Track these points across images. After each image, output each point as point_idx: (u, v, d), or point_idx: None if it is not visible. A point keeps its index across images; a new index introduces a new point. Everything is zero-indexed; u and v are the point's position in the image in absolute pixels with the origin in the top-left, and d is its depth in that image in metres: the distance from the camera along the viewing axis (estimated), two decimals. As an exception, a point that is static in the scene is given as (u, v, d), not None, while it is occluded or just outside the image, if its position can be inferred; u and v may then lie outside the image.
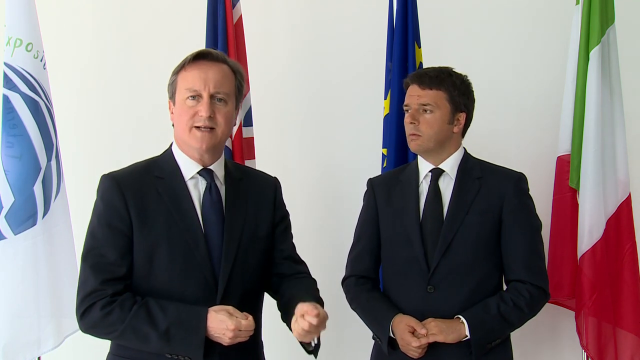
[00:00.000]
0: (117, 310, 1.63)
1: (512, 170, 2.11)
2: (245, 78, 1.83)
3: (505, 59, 2.95)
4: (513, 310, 1.97)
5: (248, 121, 2.72)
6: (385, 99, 2.71)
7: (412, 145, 2.06)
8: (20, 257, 2.37)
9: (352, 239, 2.22)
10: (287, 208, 1.96)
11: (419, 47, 2.68)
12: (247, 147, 2.70)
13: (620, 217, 2.55)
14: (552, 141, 2.72)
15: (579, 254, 2.53)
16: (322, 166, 3.05)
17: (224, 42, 2.62)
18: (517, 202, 2.04)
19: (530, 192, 2.11)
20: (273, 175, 1.96)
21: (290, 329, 1.69)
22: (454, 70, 2.09)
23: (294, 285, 1.83)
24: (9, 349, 2.35)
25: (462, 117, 2.08)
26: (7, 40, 2.41)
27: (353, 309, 2.17)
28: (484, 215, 2.01)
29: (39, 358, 2.45)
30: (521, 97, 2.94)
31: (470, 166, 2.08)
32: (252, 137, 2.74)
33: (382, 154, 2.71)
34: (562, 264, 2.61)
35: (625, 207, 2.56)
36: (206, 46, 2.65)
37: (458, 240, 1.99)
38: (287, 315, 1.73)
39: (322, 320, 1.58)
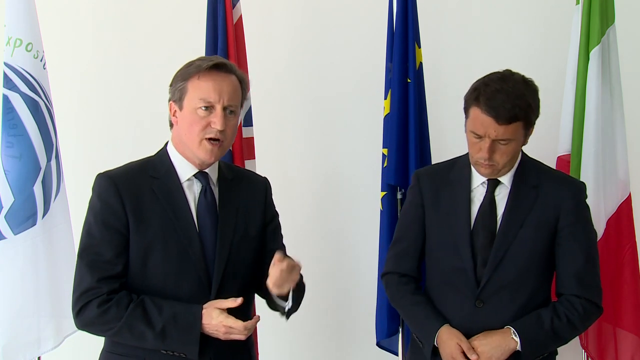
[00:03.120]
0: (113, 309, 1.66)
1: (572, 178, 2.02)
2: (248, 85, 1.85)
3: (505, 59, 2.91)
4: (566, 326, 1.91)
5: (248, 121, 2.72)
6: (385, 99, 2.71)
7: (483, 171, 1.93)
8: (20, 257, 2.37)
9: (395, 231, 2.15)
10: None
11: (419, 47, 2.67)
12: (247, 147, 2.70)
13: (620, 217, 2.55)
14: (552, 141, 2.72)
15: (579, 254, 2.52)
16: (322, 166, 3.05)
17: (224, 42, 2.62)
18: (575, 214, 1.95)
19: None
20: (263, 176, 1.99)
21: (276, 309, 1.79)
22: (524, 80, 1.91)
23: None
24: (9, 349, 2.34)
25: (531, 131, 1.95)
26: (7, 40, 2.41)
27: (394, 306, 2.14)
28: (539, 230, 1.93)
29: (39, 358, 2.45)
30: (521, 97, 2.94)
31: (526, 171, 1.98)
32: (252, 137, 2.73)
33: (382, 154, 2.71)
34: (562, 264, 2.61)
35: (625, 207, 2.55)
36: (206, 46, 2.65)
37: (510, 255, 1.91)
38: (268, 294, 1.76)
39: (291, 266, 1.62)
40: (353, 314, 2.99)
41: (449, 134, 2.87)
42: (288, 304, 1.73)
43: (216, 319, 1.65)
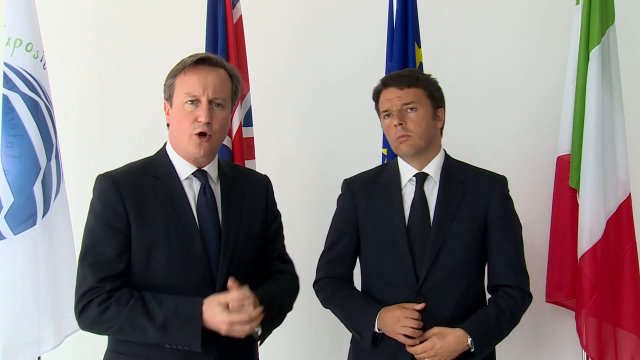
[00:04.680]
0: (114, 306, 1.66)
1: (494, 173, 2.09)
2: (242, 82, 1.87)
3: (505, 59, 2.95)
4: (510, 320, 1.97)
5: (248, 121, 2.72)
6: (385, 99, 2.71)
7: (403, 147, 1.99)
8: (20, 257, 2.37)
9: (325, 240, 2.17)
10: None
11: (419, 47, 2.68)
12: (247, 147, 2.70)
13: (620, 217, 2.55)
14: (552, 141, 2.72)
15: (579, 254, 2.53)
16: (321, 166, 3.05)
17: (224, 42, 2.62)
18: (503, 206, 2.03)
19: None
20: (264, 174, 2.00)
21: None
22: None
23: (266, 282, 1.86)
24: (9, 349, 2.34)
25: (441, 112, 2.06)
26: (7, 40, 2.41)
27: (327, 306, 2.12)
28: (471, 222, 1.99)
29: (39, 358, 2.44)
30: (521, 97, 2.94)
31: (452, 169, 2.06)
32: (252, 137, 2.73)
33: (382, 154, 2.71)
34: (562, 264, 2.61)
35: (625, 207, 2.56)
36: (206, 46, 2.65)
37: (446, 248, 1.96)
38: None
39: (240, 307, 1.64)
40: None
41: (448, 133, 2.86)
42: (258, 330, 1.75)
43: (219, 315, 1.64)
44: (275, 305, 1.80)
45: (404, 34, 2.64)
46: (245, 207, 1.84)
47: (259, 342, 1.85)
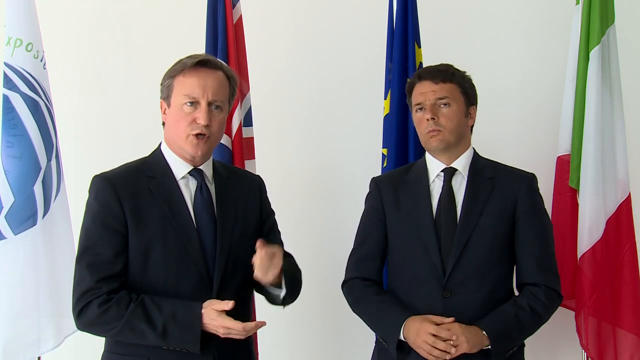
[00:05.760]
0: (113, 308, 1.67)
1: (523, 170, 2.09)
2: (239, 82, 1.88)
3: (506, 59, 2.95)
4: (530, 315, 1.94)
5: (248, 121, 2.72)
6: (385, 99, 2.71)
7: (434, 142, 1.99)
8: (20, 257, 2.37)
9: (354, 239, 2.16)
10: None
11: (419, 47, 2.68)
12: (247, 147, 2.70)
13: (620, 217, 2.55)
14: (552, 141, 2.72)
15: (579, 254, 2.53)
16: (322, 166, 3.05)
17: (224, 42, 2.62)
18: (531, 203, 2.01)
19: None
20: (257, 174, 2.04)
21: (274, 302, 1.82)
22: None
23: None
24: (9, 349, 2.35)
25: (473, 110, 2.07)
26: (7, 40, 2.41)
27: (355, 311, 2.11)
28: (498, 217, 1.98)
29: (39, 358, 2.45)
30: (521, 97, 2.94)
31: (481, 166, 2.05)
32: (252, 137, 2.74)
33: (382, 154, 2.71)
34: (562, 264, 2.59)
35: (625, 207, 2.56)
36: (206, 46, 2.65)
37: (473, 243, 1.95)
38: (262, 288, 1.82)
39: (270, 253, 1.68)
40: (352, 313, 2.99)
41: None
42: (283, 291, 1.76)
43: (215, 320, 1.67)
44: (295, 270, 1.85)
45: (404, 34, 2.64)
46: (240, 206, 1.86)
47: (282, 307, 1.84)
